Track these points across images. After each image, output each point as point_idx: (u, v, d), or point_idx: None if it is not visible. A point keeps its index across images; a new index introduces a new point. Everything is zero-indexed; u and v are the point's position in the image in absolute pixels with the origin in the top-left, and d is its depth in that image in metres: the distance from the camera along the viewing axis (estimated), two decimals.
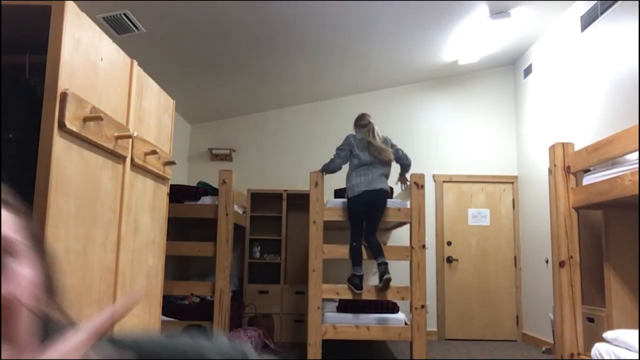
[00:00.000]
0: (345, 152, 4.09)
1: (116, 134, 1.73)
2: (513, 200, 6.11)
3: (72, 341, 0.49)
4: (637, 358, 2.73)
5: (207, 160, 6.35)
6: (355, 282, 4.02)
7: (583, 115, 4.62)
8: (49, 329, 0.58)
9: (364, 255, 4.13)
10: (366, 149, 4.04)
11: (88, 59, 1.57)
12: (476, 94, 6.36)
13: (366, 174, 4.00)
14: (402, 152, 4.26)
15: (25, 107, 1.68)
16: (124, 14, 3.68)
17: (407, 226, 4.64)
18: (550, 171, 3.78)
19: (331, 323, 4.20)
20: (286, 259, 5.83)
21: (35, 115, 1.46)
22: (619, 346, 2.92)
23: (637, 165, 2.90)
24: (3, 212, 0.53)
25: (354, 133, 4.21)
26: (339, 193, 4.56)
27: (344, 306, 4.36)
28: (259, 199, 6.13)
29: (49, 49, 1.42)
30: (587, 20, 4.53)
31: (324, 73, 5.62)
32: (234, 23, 4.18)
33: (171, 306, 4.44)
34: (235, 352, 0.71)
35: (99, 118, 1.55)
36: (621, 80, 4.03)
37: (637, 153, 2.95)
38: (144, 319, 2.11)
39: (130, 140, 1.87)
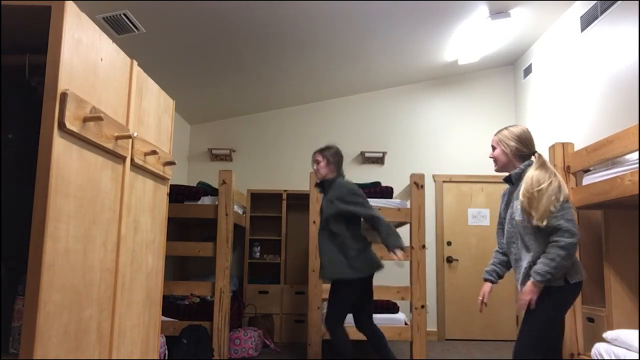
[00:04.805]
0: None
1: (116, 134, 1.73)
2: None
3: None
4: (637, 358, 2.73)
5: (207, 160, 6.35)
6: None
7: (583, 115, 4.62)
8: None
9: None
10: None
11: (88, 59, 1.57)
12: (476, 94, 6.36)
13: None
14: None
15: (25, 107, 1.68)
16: (124, 14, 3.68)
17: (407, 226, 4.65)
18: None
19: None
20: (286, 259, 5.83)
21: (35, 115, 1.46)
22: (619, 346, 2.92)
23: (637, 165, 2.91)
24: None
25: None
26: None
27: None
28: (259, 199, 6.13)
29: (48, 49, 1.42)
30: (587, 20, 4.53)
31: (324, 73, 5.62)
32: (234, 23, 4.18)
33: (171, 306, 4.44)
34: None
35: (99, 118, 1.55)
36: (621, 80, 4.03)
37: (637, 153, 2.95)
38: (144, 319, 2.11)
39: (130, 140, 1.87)
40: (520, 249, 2.31)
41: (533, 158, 2.38)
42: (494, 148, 2.47)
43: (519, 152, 2.38)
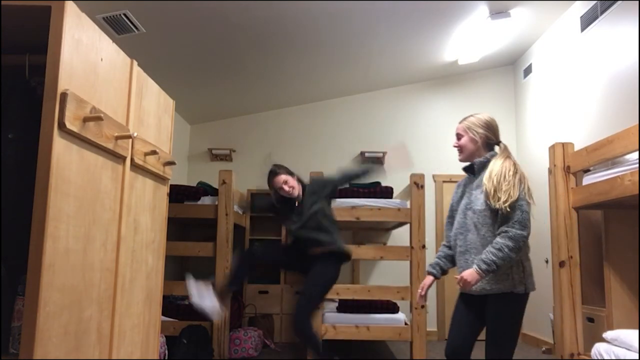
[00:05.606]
0: None
1: (116, 134, 1.73)
2: None
3: None
4: (637, 358, 2.73)
5: (207, 160, 6.35)
6: None
7: (583, 115, 4.62)
8: None
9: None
10: None
11: (88, 59, 1.57)
12: (476, 94, 6.35)
13: None
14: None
15: (25, 107, 1.68)
16: (124, 14, 3.68)
17: (407, 226, 4.65)
18: (550, 171, 3.78)
19: (331, 323, 4.20)
20: None
21: (35, 116, 1.46)
22: (619, 346, 2.92)
23: (637, 165, 2.91)
24: None
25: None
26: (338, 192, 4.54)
27: (344, 306, 4.36)
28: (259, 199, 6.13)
29: (48, 49, 1.42)
30: (587, 20, 4.53)
31: (324, 73, 5.62)
32: (233, 23, 4.18)
33: (171, 306, 4.44)
34: None
35: (99, 118, 1.55)
36: (621, 80, 4.02)
37: (637, 153, 2.95)
38: (144, 319, 2.11)
39: (130, 140, 1.87)
40: (473, 241, 2.21)
41: (497, 148, 2.34)
42: (459, 136, 2.35)
43: (488, 139, 2.33)
